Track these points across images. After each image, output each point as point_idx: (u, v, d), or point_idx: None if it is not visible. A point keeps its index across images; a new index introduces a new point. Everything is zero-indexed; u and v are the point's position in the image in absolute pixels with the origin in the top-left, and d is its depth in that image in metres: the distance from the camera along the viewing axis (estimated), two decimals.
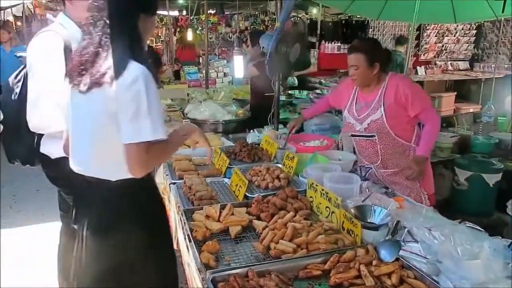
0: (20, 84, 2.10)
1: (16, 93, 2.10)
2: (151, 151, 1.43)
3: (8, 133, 2.17)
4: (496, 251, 1.39)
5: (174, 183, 2.32)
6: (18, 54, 2.48)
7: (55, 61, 1.87)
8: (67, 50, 1.94)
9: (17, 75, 2.14)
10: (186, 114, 3.80)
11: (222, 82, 6.73)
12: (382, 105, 2.45)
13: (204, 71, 5.98)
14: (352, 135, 2.65)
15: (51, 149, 2.08)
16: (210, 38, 6.93)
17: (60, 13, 2.13)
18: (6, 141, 2.19)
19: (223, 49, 10.31)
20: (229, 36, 12.18)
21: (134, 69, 1.39)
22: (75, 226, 1.65)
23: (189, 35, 9.69)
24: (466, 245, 1.41)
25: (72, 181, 1.64)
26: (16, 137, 2.14)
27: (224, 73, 6.97)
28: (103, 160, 1.53)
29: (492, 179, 3.14)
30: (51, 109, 1.92)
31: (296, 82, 5.93)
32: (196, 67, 7.14)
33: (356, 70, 2.46)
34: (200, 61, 8.74)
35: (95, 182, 1.55)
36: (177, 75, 7.11)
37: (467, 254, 1.37)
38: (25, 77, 2.08)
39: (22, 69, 2.14)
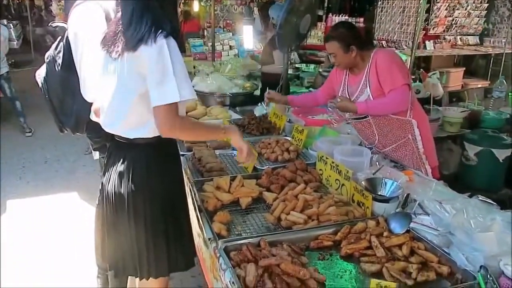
0: (61, 54, 2.11)
1: (59, 64, 2.12)
2: (184, 118, 1.57)
3: (56, 103, 2.21)
4: (509, 224, 1.39)
5: (183, 155, 2.32)
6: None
7: (97, 29, 1.89)
8: (108, 19, 1.96)
9: (56, 46, 2.15)
10: (193, 86, 3.74)
11: (228, 55, 6.61)
12: (368, 85, 2.37)
13: (209, 44, 5.87)
14: (347, 122, 2.58)
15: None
16: (215, 10, 6.74)
17: None
18: (54, 111, 2.24)
19: (228, 21, 10.10)
20: (234, 8, 11.94)
21: (160, 37, 1.43)
22: (103, 181, 1.73)
23: (195, 7, 9.51)
24: (479, 218, 1.40)
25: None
26: (62, 106, 2.19)
27: (230, 46, 6.82)
28: (129, 121, 1.59)
29: (502, 154, 3.10)
30: (92, 76, 1.96)
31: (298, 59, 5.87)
32: (201, 40, 7.00)
33: (335, 58, 2.43)
34: (205, 33, 8.57)
35: (123, 142, 1.64)
36: (181, 48, 6.98)
37: (480, 227, 1.37)
38: (65, 47, 2.10)
39: (61, 39, 2.14)
